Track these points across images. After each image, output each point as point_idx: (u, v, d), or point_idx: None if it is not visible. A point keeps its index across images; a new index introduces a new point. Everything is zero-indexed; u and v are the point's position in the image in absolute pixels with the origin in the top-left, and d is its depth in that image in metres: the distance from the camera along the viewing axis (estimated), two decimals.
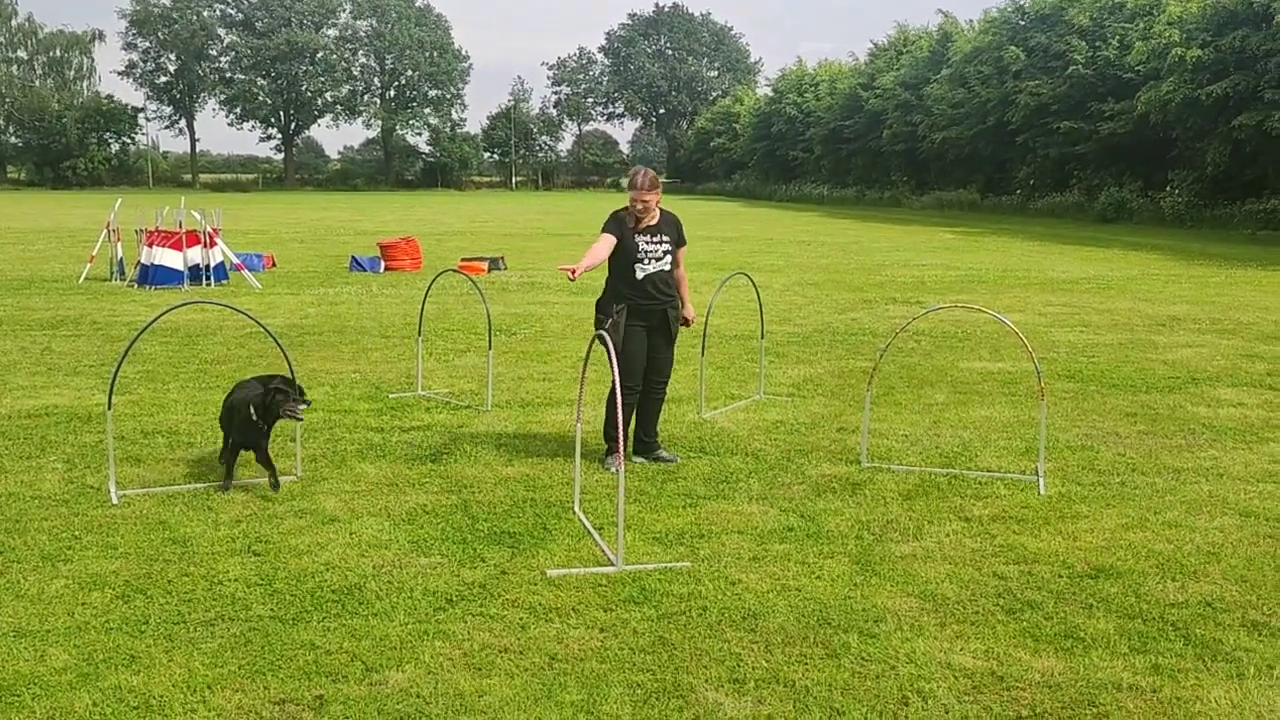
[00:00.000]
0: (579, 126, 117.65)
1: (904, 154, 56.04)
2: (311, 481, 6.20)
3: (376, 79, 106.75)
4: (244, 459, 6.39)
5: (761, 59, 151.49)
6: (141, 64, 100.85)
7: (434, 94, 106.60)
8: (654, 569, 4.87)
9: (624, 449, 5.98)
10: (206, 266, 16.59)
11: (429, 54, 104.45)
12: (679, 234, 6.86)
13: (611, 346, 6.00)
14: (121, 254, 17.41)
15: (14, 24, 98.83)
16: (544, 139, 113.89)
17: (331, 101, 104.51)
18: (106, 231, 17.75)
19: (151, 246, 16.26)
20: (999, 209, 46.55)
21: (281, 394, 5.97)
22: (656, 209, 6.71)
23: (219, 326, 12.10)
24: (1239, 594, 4.63)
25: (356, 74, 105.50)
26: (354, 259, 19.97)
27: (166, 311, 6.56)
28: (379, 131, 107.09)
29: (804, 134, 68.97)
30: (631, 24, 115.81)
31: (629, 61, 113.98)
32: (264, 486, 6.06)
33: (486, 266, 19.54)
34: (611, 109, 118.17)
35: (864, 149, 60.37)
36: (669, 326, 6.77)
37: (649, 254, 6.64)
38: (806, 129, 68.45)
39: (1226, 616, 4.40)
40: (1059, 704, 3.68)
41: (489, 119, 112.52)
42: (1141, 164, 39.65)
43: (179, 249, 16.30)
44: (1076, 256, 23.57)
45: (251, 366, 9.76)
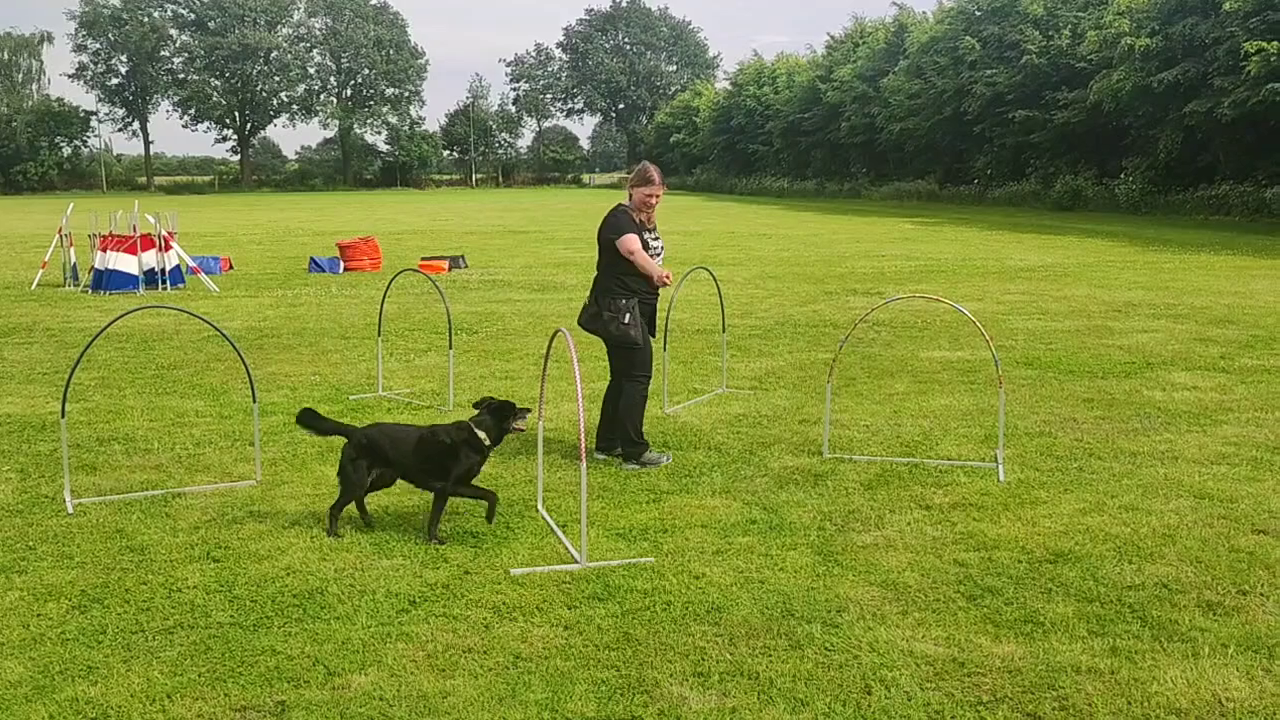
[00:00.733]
0: (539, 123, 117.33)
1: (863, 146, 56.40)
2: (271, 486, 6.15)
3: (332, 78, 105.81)
4: (204, 464, 6.31)
5: (720, 54, 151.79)
6: (92, 66, 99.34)
7: (391, 92, 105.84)
8: (618, 565, 4.87)
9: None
10: (162, 270, 16.38)
11: (385, 52, 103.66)
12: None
13: (632, 341, 6.50)
14: (75, 259, 17.17)
15: None
16: (504, 136, 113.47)
17: (287, 101, 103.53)
18: (59, 236, 17.48)
19: (105, 251, 16.03)
20: (957, 199, 46.97)
21: (509, 408, 5.59)
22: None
23: (175, 331, 11.95)
24: (1194, 575, 4.70)
25: (312, 73, 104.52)
26: (313, 260, 19.81)
27: (121, 316, 6.47)
28: (336, 131, 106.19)
29: (763, 127, 69.22)
30: (589, 20, 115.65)
31: (587, 57, 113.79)
32: (231, 491, 5.99)
33: (447, 265, 19.44)
34: (571, 105, 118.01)
35: (823, 141, 60.68)
36: (654, 320, 6.94)
37: (655, 251, 6.80)
38: (765, 122, 68.70)
39: (1182, 597, 4.46)
40: (1019, 688, 3.72)
41: (448, 117, 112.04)
42: (1096, 152, 40.15)
43: (134, 253, 16.08)
44: (1034, 245, 23.82)
45: (209, 371, 9.66)
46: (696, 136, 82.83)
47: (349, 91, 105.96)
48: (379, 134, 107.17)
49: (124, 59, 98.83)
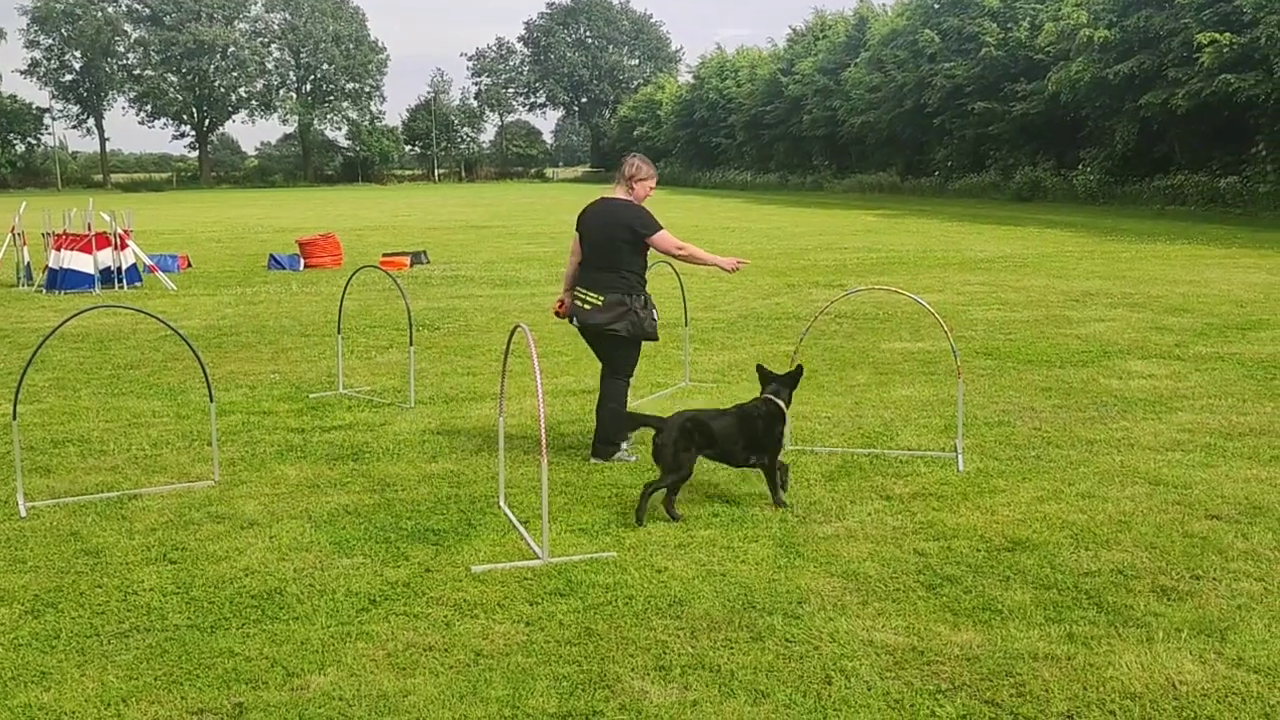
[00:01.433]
0: (501, 117, 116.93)
1: (824, 139, 56.61)
2: (229, 485, 6.08)
3: (292, 73, 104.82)
4: (161, 465, 6.25)
5: (683, 47, 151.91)
6: (45, 62, 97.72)
7: (351, 87, 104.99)
8: (580, 560, 4.86)
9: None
10: (118, 269, 16.16)
11: (345, 46, 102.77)
12: None
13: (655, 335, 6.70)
14: (29, 258, 16.90)
15: None
16: (465, 130, 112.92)
17: (246, 97, 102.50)
18: (11, 235, 17.20)
19: (60, 250, 15.79)
20: (918, 190, 47.29)
21: (799, 373, 6.11)
22: None
23: (132, 330, 11.80)
24: (1149, 560, 4.76)
25: (270, 68, 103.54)
26: (272, 257, 19.62)
27: (75, 315, 6.38)
28: (296, 127, 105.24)
29: (726, 120, 69.30)
30: (550, 13, 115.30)
31: (549, 51, 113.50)
32: (188, 492, 5.93)
33: (409, 261, 19.32)
34: (533, 99, 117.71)
35: (785, 134, 60.83)
36: None
37: None
38: (728, 115, 68.78)
39: (1137, 583, 4.52)
40: (978, 675, 3.76)
41: (409, 111, 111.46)
42: (1054, 143, 40.55)
43: (89, 251, 15.85)
44: (994, 236, 24.03)
45: (167, 370, 9.55)
46: (660, 130, 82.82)
47: (308, 87, 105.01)
48: (339, 129, 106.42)
49: (77, 55, 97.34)
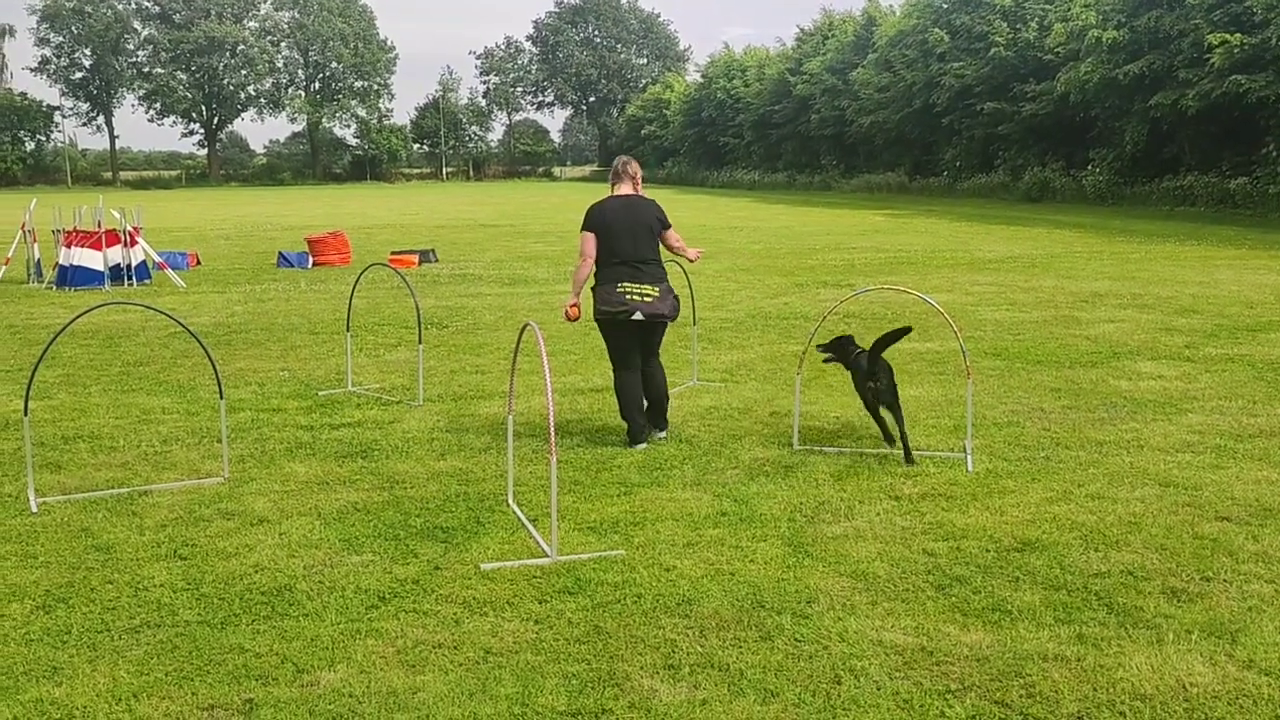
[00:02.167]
0: (509, 116, 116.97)
1: (833, 138, 56.54)
2: (239, 482, 6.10)
3: (300, 71, 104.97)
4: (171, 461, 6.28)
5: (691, 46, 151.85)
6: (55, 59, 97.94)
7: (360, 85, 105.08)
8: (588, 559, 4.87)
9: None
10: (128, 266, 16.21)
11: (353, 45, 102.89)
12: None
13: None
14: (39, 255, 16.95)
15: None
16: (474, 129, 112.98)
17: (254, 95, 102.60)
18: (22, 232, 17.25)
19: (70, 247, 15.85)
20: (927, 190, 47.21)
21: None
22: None
23: (142, 327, 11.83)
24: (1159, 562, 4.75)
25: (279, 66, 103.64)
26: (281, 255, 19.66)
27: (84, 313, 6.39)
28: (305, 125, 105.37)
29: (734, 120, 69.26)
30: (559, 12, 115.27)
31: (557, 50, 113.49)
32: (198, 489, 5.95)
33: (418, 259, 19.35)
34: (541, 98, 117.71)
35: (793, 134, 60.78)
36: None
37: None
38: (736, 115, 68.75)
39: (1147, 584, 4.51)
40: (987, 676, 3.75)
41: (417, 110, 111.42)
42: (1063, 144, 40.45)
43: (99, 249, 15.91)
44: (1003, 236, 23.99)
45: (176, 367, 9.57)
46: (668, 129, 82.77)
47: (317, 85, 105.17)
48: (348, 128, 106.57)
49: (87, 52, 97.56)
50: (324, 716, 3.55)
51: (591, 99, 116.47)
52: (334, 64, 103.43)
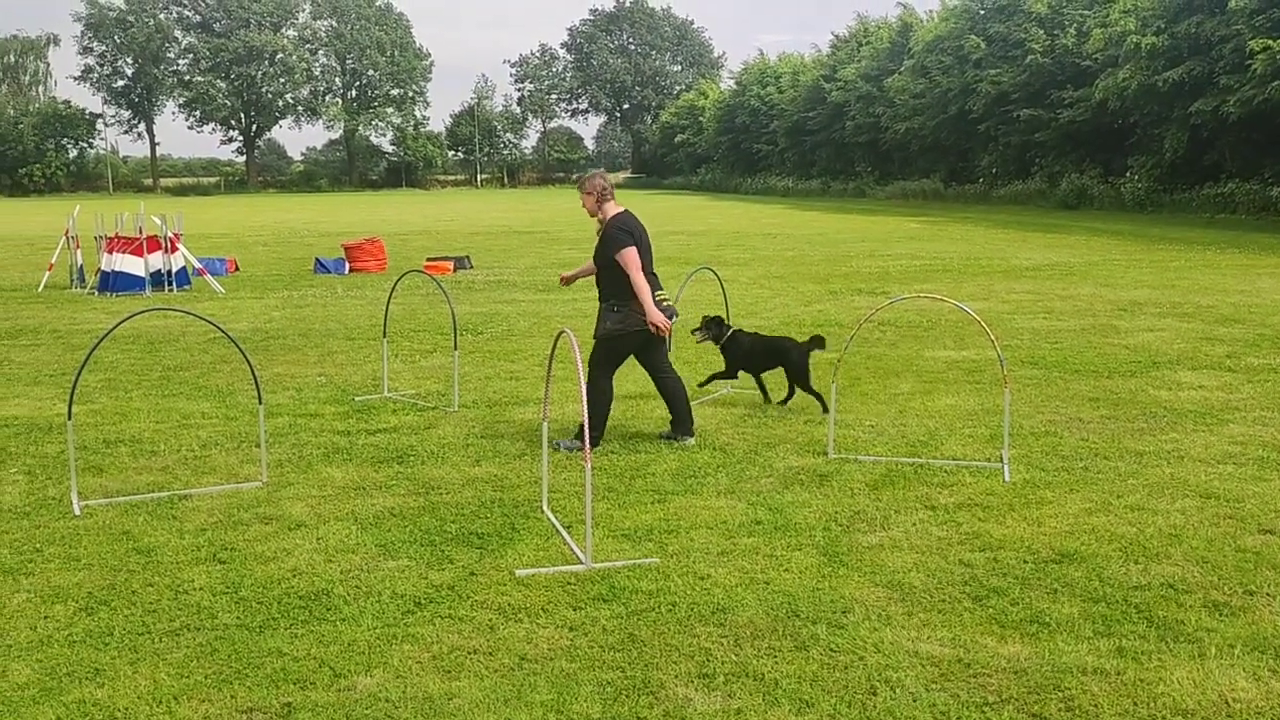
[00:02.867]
0: (543, 123, 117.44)
1: (867, 145, 56.35)
2: (277, 487, 6.16)
3: (337, 79, 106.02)
4: (210, 466, 6.35)
5: (725, 53, 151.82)
6: (98, 68, 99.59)
7: (396, 93, 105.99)
8: (623, 566, 4.87)
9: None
10: (168, 272, 16.42)
11: (390, 53, 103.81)
12: (603, 246, 7.07)
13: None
14: (81, 261, 17.21)
15: None
16: (508, 136, 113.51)
17: (292, 103, 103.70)
18: (65, 238, 17.53)
19: (112, 253, 16.07)
20: (962, 197, 46.92)
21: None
22: (594, 214, 7.17)
23: (181, 333, 11.98)
24: (1200, 575, 4.69)
25: (317, 74, 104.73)
26: (318, 261, 19.84)
27: (127, 318, 6.49)
28: (341, 132, 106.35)
29: (768, 127, 69.20)
30: (593, 20, 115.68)
31: (592, 57, 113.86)
32: (237, 493, 6.01)
33: (453, 266, 19.46)
34: (575, 105, 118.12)
35: (828, 141, 60.64)
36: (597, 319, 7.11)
37: None
38: (770, 122, 68.69)
39: (1188, 598, 4.45)
40: (1025, 689, 3.72)
41: (452, 117, 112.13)
42: (1101, 151, 40.07)
43: (140, 255, 16.12)
44: (1039, 243, 23.78)
45: (215, 372, 9.68)
46: (701, 136, 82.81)
47: (354, 93, 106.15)
48: (384, 135, 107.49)
49: (129, 61, 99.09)
50: None
51: (625, 106, 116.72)
52: (371, 72, 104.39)
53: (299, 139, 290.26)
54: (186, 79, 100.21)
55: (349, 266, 19.36)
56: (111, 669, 3.94)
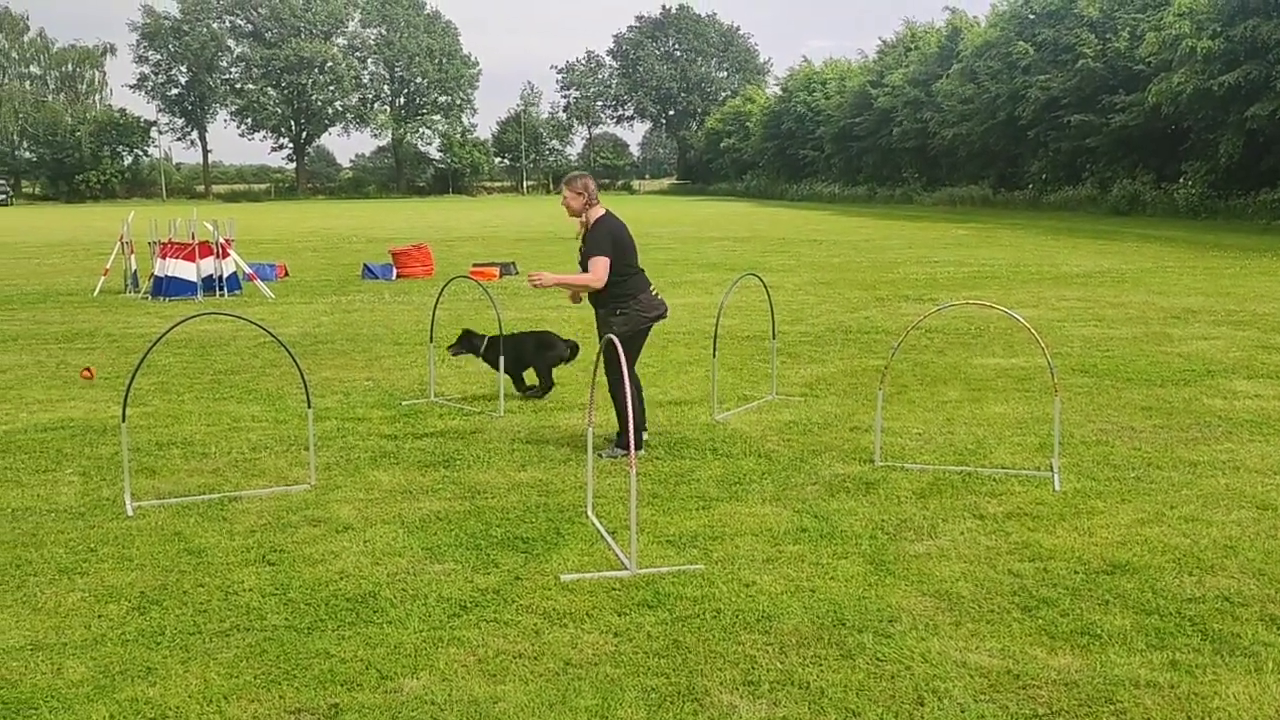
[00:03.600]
0: (589, 130, 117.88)
1: (915, 151, 55.90)
2: (325, 490, 6.22)
3: (386, 86, 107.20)
4: (260, 468, 6.43)
5: (771, 59, 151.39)
6: (153, 76, 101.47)
7: (443, 100, 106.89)
8: (667, 572, 4.86)
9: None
10: (219, 277, 16.67)
11: (438, 61, 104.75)
12: (589, 246, 7.05)
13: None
14: (135, 266, 17.52)
15: (26, 40, 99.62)
16: (554, 143, 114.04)
17: (341, 110, 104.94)
18: (120, 244, 17.85)
19: (165, 258, 16.35)
20: (1011, 204, 46.40)
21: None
22: (577, 214, 7.19)
23: (232, 337, 12.15)
24: (1257, 588, 4.60)
25: (366, 82, 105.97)
26: (366, 267, 20.03)
27: (179, 323, 6.59)
28: (390, 139, 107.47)
29: (814, 133, 68.91)
30: (639, 26, 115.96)
31: (638, 64, 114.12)
32: (285, 496, 6.09)
33: (498, 271, 19.56)
34: (621, 111, 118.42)
35: (874, 147, 60.24)
36: (599, 326, 7.06)
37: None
38: (816, 128, 68.39)
39: (1244, 611, 4.36)
40: (1076, 701, 3.66)
41: (499, 124, 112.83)
42: (1154, 156, 39.43)
43: (192, 260, 16.38)
44: (1090, 250, 23.46)
45: (265, 376, 9.81)
46: (747, 142, 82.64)
47: (402, 100, 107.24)
48: (431, 142, 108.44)
49: (183, 69, 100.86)
50: None
51: (671, 112, 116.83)
52: (419, 79, 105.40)
53: (348, 146, 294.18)
54: (238, 87, 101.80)
55: (396, 272, 19.53)
56: (163, 668, 4.00)
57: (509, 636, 4.23)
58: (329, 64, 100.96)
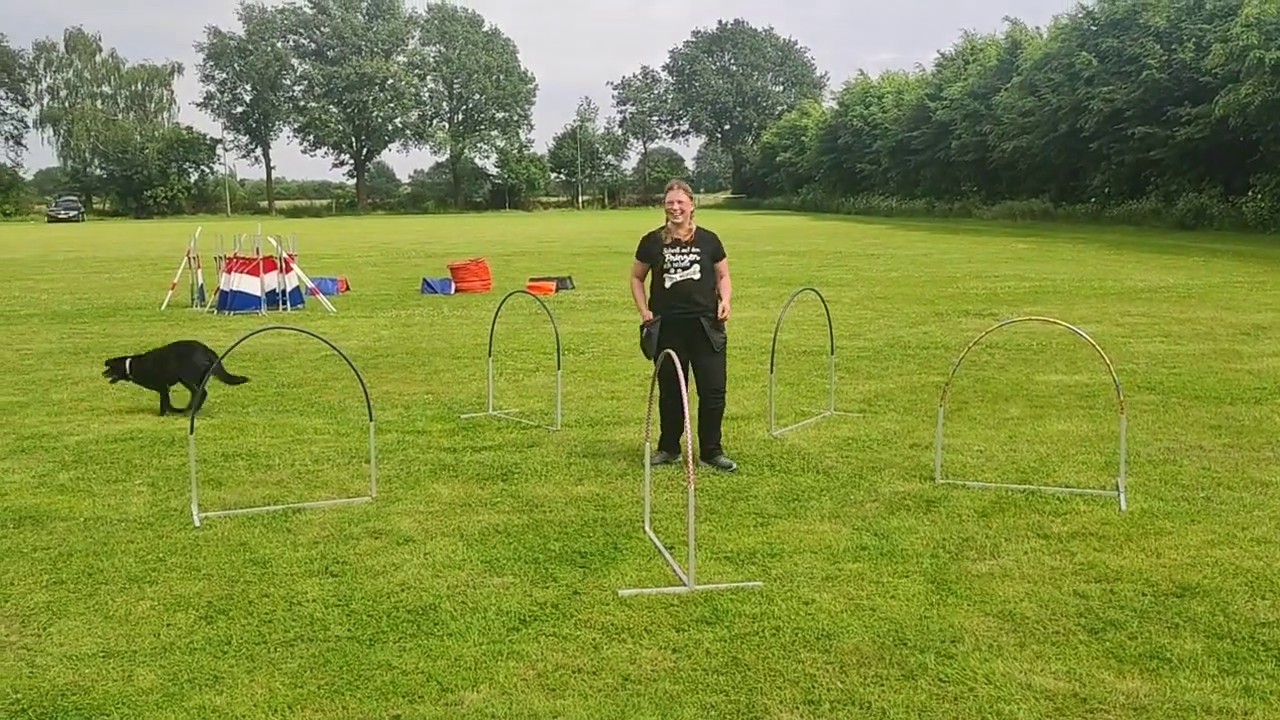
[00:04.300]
0: (644, 145, 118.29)
1: (974, 164, 55.29)
2: (386, 502, 6.29)
3: (445, 103, 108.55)
4: (322, 480, 6.51)
5: (827, 73, 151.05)
6: (219, 95, 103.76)
7: (501, 116, 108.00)
8: (726, 589, 4.85)
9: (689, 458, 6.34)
10: (283, 291, 16.96)
11: (495, 77, 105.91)
12: (715, 248, 7.07)
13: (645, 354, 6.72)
14: (202, 280, 17.89)
15: (98, 60, 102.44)
16: (609, 158, 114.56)
17: (401, 127, 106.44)
18: (187, 259, 18.24)
19: (230, 273, 16.67)
20: (1073, 217, 45.70)
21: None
22: (689, 220, 7.03)
23: (295, 350, 12.34)
24: None
25: (425, 99, 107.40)
26: (425, 281, 20.26)
27: (245, 337, 6.72)
28: (448, 155, 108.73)
29: (871, 146, 68.51)
30: (696, 41, 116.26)
31: (694, 79, 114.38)
32: (348, 507, 6.17)
33: (555, 286, 19.68)
34: (676, 126, 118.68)
35: (932, 160, 59.71)
36: (706, 336, 6.93)
37: (675, 265, 6.91)
38: (873, 141, 67.99)
39: None
40: None
41: (555, 139, 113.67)
42: (1221, 169, 38.62)
43: (256, 274, 16.69)
44: (1155, 264, 23.04)
45: (327, 389, 9.95)
46: (803, 156, 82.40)
47: (460, 116, 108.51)
48: (489, 158, 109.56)
49: (248, 88, 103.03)
50: None
51: (726, 127, 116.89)
52: (477, 96, 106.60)
53: (407, 162, 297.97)
54: (301, 105, 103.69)
55: (455, 287, 19.72)
56: (230, 676, 4.06)
57: (568, 651, 4.25)
58: (389, 81, 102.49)
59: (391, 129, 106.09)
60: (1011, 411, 8.56)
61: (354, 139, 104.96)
